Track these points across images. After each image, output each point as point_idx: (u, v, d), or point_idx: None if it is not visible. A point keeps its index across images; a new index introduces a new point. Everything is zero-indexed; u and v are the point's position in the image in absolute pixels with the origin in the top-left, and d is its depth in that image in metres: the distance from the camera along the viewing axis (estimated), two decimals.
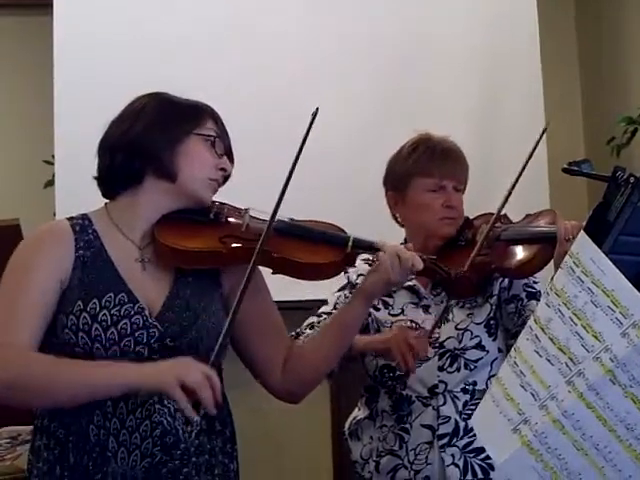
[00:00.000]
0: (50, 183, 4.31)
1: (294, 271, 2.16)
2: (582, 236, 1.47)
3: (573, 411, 1.39)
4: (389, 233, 2.76)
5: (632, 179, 1.52)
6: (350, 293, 2.65)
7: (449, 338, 2.64)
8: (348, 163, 4.15)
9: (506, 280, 2.67)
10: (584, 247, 1.46)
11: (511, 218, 2.68)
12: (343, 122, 4.12)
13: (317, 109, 2.09)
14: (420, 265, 2.17)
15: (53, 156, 4.14)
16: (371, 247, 2.22)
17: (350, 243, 2.19)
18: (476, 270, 2.48)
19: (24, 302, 2.02)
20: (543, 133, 2.56)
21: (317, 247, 2.18)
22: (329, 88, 4.17)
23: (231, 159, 2.23)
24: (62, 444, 2.03)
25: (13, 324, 2.00)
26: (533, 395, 1.44)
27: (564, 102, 4.87)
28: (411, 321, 2.67)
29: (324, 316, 2.65)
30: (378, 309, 2.69)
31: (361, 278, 2.58)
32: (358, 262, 2.47)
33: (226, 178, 2.21)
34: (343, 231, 2.26)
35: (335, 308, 2.65)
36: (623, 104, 4.49)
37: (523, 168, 2.51)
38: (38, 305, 2.03)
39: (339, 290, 2.74)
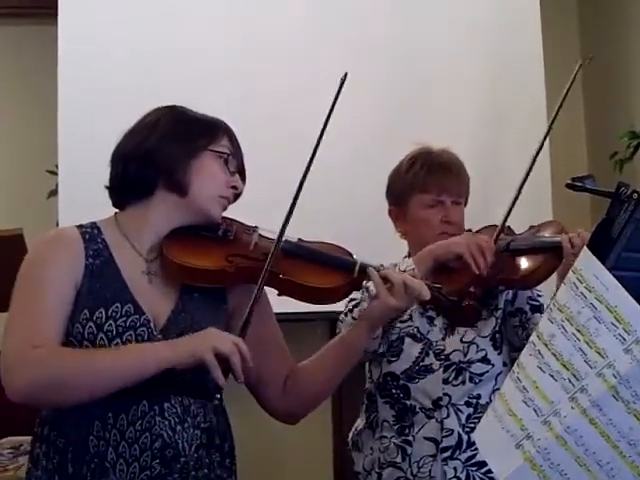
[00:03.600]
0: (53, 193, 4.31)
1: (300, 294, 2.14)
2: (585, 252, 1.47)
3: (576, 427, 1.39)
4: (393, 249, 2.77)
5: (635, 195, 1.52)
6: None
7: (455, 351, 2.64)
8: (352, 178, 4.15)
9: (511, 293, 2.67)
10: (587, 263, 1.46)
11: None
12: (347, 137, 4.11)
13: (346, 74, 2.10)
14: (427, 296, 2.13)
15: (57, 166, 4.15)
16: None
17: (357, 268, 2.16)
18: (481, 284, 2.48)
19: (46, 303, 2.01)
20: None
21: (324, 271, 2.16)
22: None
23: (243, 177, 2.22)
24: (61, 453, 2.02)
25: (40, 325, 1.99)
26: (536, 411, 1.44)
27: (567, 116, 4.85)
28: (417, 329, 2.67)
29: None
30: None
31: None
32: None
33: (237, 196, 2.21)
34: (350, 255, 2.24)
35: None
36: (626, 119, 4.49)
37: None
38: (58, 305, 2.02)
39: (350, 300, 2.71)
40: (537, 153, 2.59)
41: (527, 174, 2.59)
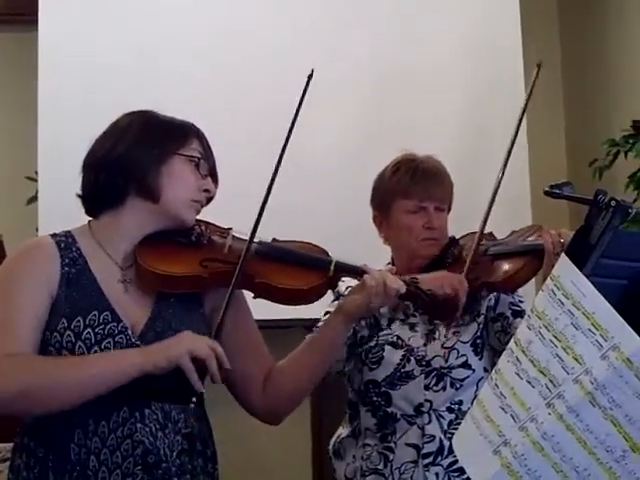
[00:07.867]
0: (33, 199, 4.30)
1: (275, 296, 2.14)
2: (563, 259, 1.48)
3: (553, 433, 1.39)
4: (378, 254, 2.77)
5: (613, 202, 1.53)
6: None
7: (435, 357, 2.64)
8: (336, 184, 4.15)
9: (493, 299, 2.68)
10: (565, 270, 1.46)
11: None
12: (333, 142, 4.13)
13: (312, 71, 2.11)
14: (403, 289, 2.15)
15: (36, 172, 4.14)
16: (354, 271, 2.19)
17: (332, 267, 2.17)
18: None
19: (17, 314, 2.02)
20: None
21: (299, 271, 2.16)
22: (317, 111, 4.17)
23: (215, 180, 2.22)
24: (42, 463, 2.01)
25: (10, 337, 1.99)
26: (513, 417, 1.44)
27: (548, 123, 4.89)
28: (397, 337, 2.67)
29: None
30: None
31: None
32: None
33: (210, 199, 2.20)
34: (326, 253, 2.24)
35: None
36: (606, 126, 4.52)
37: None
38: (32, 317, 2.02)
39: (326, 313, 2.73)
40: (507, 158, 2.62)
41: (499, 181, 2.61)
